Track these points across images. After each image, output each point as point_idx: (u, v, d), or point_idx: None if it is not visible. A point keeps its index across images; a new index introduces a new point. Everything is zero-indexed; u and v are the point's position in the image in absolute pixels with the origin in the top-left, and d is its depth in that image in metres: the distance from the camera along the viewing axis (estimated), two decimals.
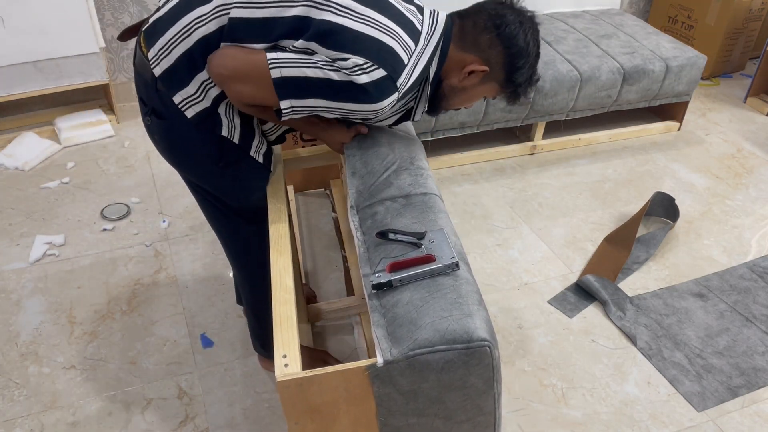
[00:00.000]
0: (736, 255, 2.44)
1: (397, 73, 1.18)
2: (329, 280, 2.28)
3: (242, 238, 1.59)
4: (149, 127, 1.39)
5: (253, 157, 1.41)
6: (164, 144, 1.39)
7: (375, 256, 1.18)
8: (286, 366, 1.00)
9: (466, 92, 1.33)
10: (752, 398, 1.87)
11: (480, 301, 1.07)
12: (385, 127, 1.48)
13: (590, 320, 2.13)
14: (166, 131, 1.35)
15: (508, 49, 1.25)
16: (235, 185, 1.44)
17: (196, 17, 1.22)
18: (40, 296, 2.17)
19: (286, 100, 1.19)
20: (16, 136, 2.98)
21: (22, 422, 1.76)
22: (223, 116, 1.32)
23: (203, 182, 1.46)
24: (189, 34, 1.23)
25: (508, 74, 1.28)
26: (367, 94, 1.16)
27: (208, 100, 1.28)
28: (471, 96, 1.34)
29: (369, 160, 1.40)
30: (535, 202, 2.70)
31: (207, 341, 2.01)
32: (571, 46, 3.02)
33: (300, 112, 1.22)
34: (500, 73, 1.28)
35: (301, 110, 1.22)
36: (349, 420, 1.06)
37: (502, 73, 1.28)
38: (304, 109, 1.22)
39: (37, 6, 2.68)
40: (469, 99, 1.35)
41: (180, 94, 1.27)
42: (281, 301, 1.14)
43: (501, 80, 1.29)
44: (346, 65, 1.13)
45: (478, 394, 1.05)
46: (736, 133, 3.29)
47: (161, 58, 1.26)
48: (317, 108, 1.21)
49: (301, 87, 1.17)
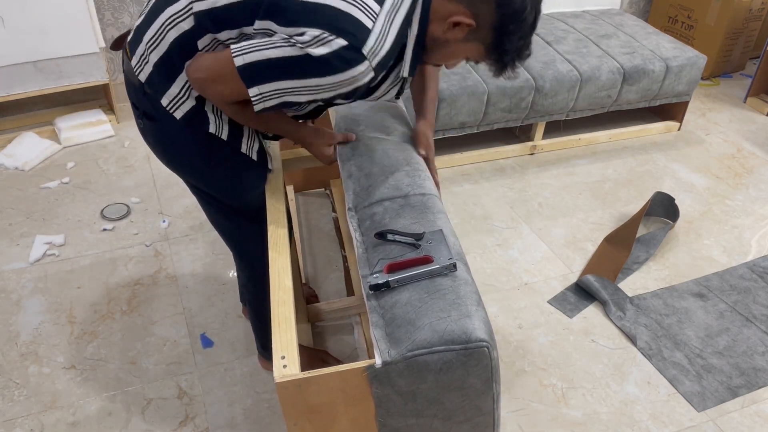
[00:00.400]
0: (736, 255, 2.43)
1: (360, 41, 1.09)
2: (329, 280, 2.28)
3: (245, 237, 1.58)
4: (143, 130, 1.39)
5: (245, 153, 1.39)
6: (158, 146, 1.39)
7: (374, 257, 1.18)
8: (285, 367, 1.00)
9: (448, 47, 1.21)
10: (752, 398, 1.87)
11: (479, 302, 1.07)
12: (381, 136, 1.48)
13: (590, 320, 2.13)
14: (158, 133, 1.36)
15: (501, 8, 1.13)
16: (228, 183, 1.43)
17: (167, 18, 1.22)
18: (40, 296, 2.17)
19: (254, 87, 1.14)
20: (16, 136, 2.98)
21: (22, 422, 1.76)
22: (210, 113, 1.30)
23: (198, 182, 1.45)
24: (163, 37, 1.23)
25: (496, 38, 1.16)
26: (330, 65, 1.09)
27: (193, 99, 1.28)
28: (453, 52, 1.23)
29: (363, 164, 1.40)
30: (535, 202, 2.70)
31: (207, 341, 2.02)
32: (571, 46, 3.02)
33: (270, 98, 1.16)
34: (488, 34, 1.17)
35: (271, 96, 1.16)
36: (348, 421, 1.06)
37: (490, 34, 1.16)
38: (274, 94, 1.16)
39: (37, 6, 2.69)
40: (450, 55, 1.25)
41: (166, 96, 1.27)
42: (280, 301, 1.14)
43: (488, 43, 1.18)
44: (303, 39, 1.07)
45: (476, 394, 1.05)
46: (736, 133, 3.29)
47: (143, 64, 1.27)
48: (286, 90, 1.15)
49: (264, 70, 1.12)
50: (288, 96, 1.16)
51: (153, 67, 1.26)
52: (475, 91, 2.68)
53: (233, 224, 1.56)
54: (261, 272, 1.61)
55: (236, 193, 1.47)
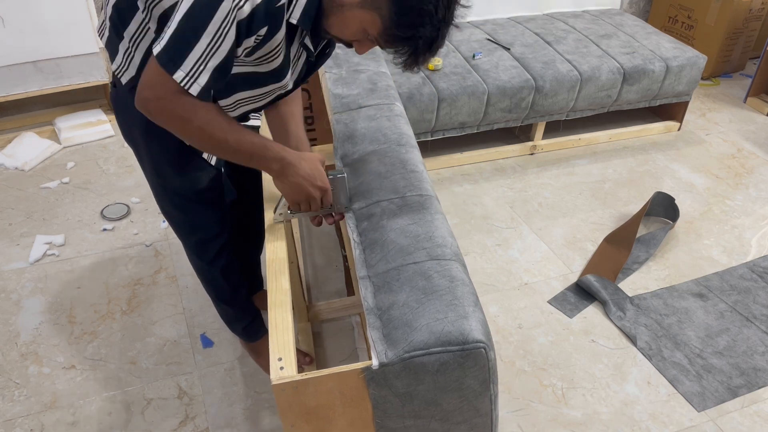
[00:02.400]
0: (736, 255, 2.43)
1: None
2: (329, 280, 2.28)
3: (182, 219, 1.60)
4: (112, 98, 1.45)
5: None
6: (115, 112, 1.45)
7: (371, 257, 1.18)
8: (282, 369, 1.00)
9: (343, 12, 1.12)
10: (752, 398, 1.87)
11: (476, 303, 1.07)
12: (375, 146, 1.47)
13: (590, 320, 2.13)
14: (114, 99, 1.42)
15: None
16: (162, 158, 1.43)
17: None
18: (40, 296, 2.18)
19: (177, 70, 1.07)
20: (16, 136, 2.98)
21: (22, 422, 1.77)
22: None
23: (140, 151, 1.46)
24: (107, 2, 1.28)
25: (395, 11, 1.07)
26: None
27: (133, 69, 1.30)
28: (347, 19, 1.13)
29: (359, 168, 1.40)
30: (535, 202, 2.70)
31: (207, 341, 2.02)
32: (571, 46, 3.02)
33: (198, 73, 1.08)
34: (386, 5, 1.07)
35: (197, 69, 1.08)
36: (345, 422, 1.07)
37: (388, 6, 1.07)
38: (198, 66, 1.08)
39: (37, 6, 2.69)
40: (345, 23, 1.14)
41: (114, 63, 1.33)
42: (277, 303, 1.14)
43: (386, 16, 1.08)
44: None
45: (474, 395, 1.05)
46: (736, 133, 3.28)
47: (102, 31, 1.35)
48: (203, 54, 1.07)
49: (176, 45, 1.06)
50: (210, 60, 1.08)
51: (107, 32, 1.32)
52: (475, 91, 2.68)
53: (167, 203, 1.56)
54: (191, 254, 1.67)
55: (164, 172, 1.46)
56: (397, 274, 1.12)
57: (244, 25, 1.08)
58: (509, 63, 2.85)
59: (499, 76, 2.75)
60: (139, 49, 1.27)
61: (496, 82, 2.72)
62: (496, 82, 2.71)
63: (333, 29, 1.17)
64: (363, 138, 1.51)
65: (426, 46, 1.10)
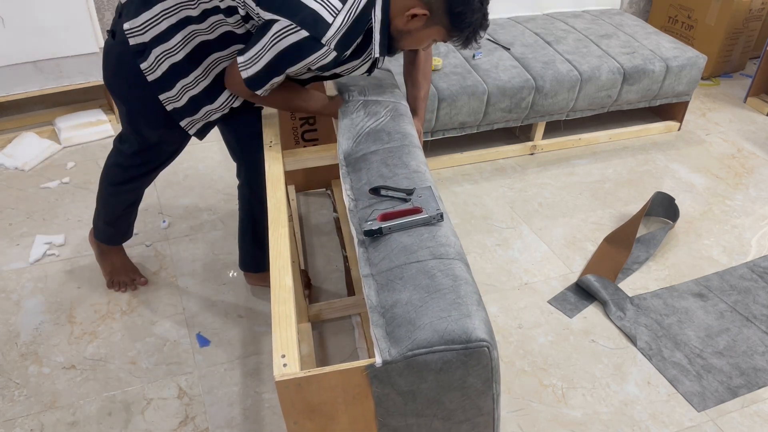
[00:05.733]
0: (736, 255, 2.43)
1: (321, 33, 1.33)
2: (329, 280, 2.28)
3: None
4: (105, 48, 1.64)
5: (163, 104, 1.62)
6: (105, 62, 1.65)
7: (374, 256, 1.18)
8: (285, 366, 1.00)
9: (413, 35, 1.43)
10: (752, 398, 1.87)
11: (479, 302, 1.07)
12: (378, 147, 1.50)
13: (590, 320, 2.13)
14: (109, 48, 1.61)
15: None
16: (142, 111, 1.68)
17: None
18: (40, 296, 2.17)
19: (260, 90, 1.48)
20: (16, 136, 2.98)
21: (22, 422, 1.76)
22: (152, 57, 1.53)
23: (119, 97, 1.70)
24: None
25: (452, 19, 1.37)
26: (300, 49, 1.35)
27: (147, 37, 1.50)
28: (419, 39, 1.44)
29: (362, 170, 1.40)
30: (535, 202, 2.70)
31: (203, 340, 2.01)
32: (571, 46, 3.02)
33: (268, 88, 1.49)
34: (444, 17, 1.37)
35: (269, 87, 1.48)
36: (348, 420, 1.06)
37: (446, 17, 1.37)
38: (271, 85, 1.48)
39: (37, 6, 2.69)
40: (418, 41, 1.46)
41: (129, 23, 1.50)
42: (280, 300, 1.14)
43: (446, 25, 1.39)
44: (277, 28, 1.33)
45: (476, 394, 1.05)
46: (736, 133, 3.29)
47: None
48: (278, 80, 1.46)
49: (263, 75, 1.44)
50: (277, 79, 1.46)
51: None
52: (475, 91, 2.68)
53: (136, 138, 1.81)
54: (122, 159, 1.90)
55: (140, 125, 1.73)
56: (400, 272, 1.12)
57: (322, 68, 1.43)
58: (509, 63, 2.85)
59: (499, 76, 2.75)
60: (166, 21, 1.48)
61: (496, 82, 2.72)
62: (496, 82, 2.72)
63: (407, 47, 1.49)
64: (366, 137, 1.51)
65: (479, 27, 1.40)
